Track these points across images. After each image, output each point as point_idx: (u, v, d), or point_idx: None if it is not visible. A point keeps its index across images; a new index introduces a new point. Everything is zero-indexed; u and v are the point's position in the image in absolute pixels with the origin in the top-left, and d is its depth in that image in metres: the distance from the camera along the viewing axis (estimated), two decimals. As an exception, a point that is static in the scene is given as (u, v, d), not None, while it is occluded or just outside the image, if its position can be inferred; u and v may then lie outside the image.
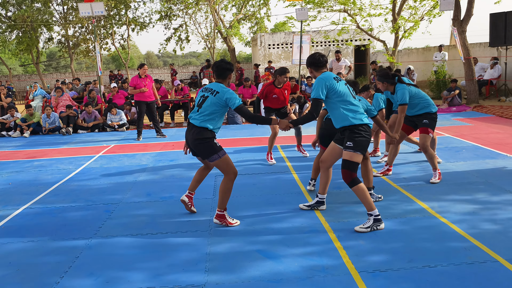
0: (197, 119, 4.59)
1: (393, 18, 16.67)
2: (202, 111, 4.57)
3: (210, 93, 4.57)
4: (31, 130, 12.01)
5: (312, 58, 4.60)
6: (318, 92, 4.40)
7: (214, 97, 4.53)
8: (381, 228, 4.40)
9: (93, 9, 13.65)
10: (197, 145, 4.58)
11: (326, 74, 4.49)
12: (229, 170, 4.61)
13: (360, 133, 4.41)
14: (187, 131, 4.71)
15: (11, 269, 3.89)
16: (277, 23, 43.19)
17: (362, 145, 4.41)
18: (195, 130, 4.57)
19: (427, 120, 5.91)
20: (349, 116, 4.42)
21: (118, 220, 5.01)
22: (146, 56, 73.38)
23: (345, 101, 4.44)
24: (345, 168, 4.43)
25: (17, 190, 6.45)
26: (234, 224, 4.72)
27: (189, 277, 3.61)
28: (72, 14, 26.06)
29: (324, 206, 5.06)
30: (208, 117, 4.55)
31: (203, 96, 4.64)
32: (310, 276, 3.54)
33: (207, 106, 4.55)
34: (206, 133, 4.56)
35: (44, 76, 29.31)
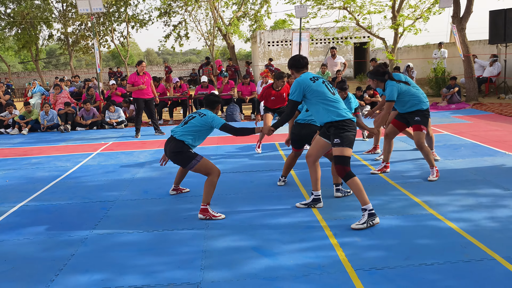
0: (178, 132, 4.97)
1: (392, 15, 16.64)
2: (186, 126, 4.98)
3: (198, 115, 5.02)
4: (29, 127, 11.99)
5: (293, 60, 4.78)
6: (295, 94, 4.58)
7: (201, 118, 4.96)
8: (376, 222, 4.40)
9: (92, 6, 13.61)
10: (174, 157, 4.95)
11: (303, 76, 4.64)
12: (211, 171, 4.89)
13: (344, 128, 4.49)
14: (166, 143, 5.07)
15: (6, 267, 3.87)
16: (276, 20, 43.19)
17: (349, 139, 4.50)
18: (173, 143, 4.94)
19: (418, 117, 5.92)
20: (331, 113, 4.53)
21: (115, 217, 4.99)
22: (146, 53, 73.33)
23: (324, 99, 4.55)
24: (338, 163, 4.50)
25: (13, 188, 6.43)
26: (218, 217, 4.83)
27: (185, 275, 3.60)
28: (71, 11, 26.00)
29: (321, 204, 5.04)
30: (190, 132, 4.93)
31: (191, 116, 5.09)
32: (306, 274, 3.53)
33: (192, 124, 4.98)
34: (182, 146, 4.91)
35: (43, 73, 29.29)
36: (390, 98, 5.72)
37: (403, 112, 6.06)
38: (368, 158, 7.20)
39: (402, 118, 6.12)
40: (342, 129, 4.49)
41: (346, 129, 4.50)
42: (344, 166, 4.46)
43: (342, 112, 4.55)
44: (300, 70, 4.75)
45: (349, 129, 4.51)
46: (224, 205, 5.20)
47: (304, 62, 4.75)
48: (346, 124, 4.51)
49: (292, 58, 4.81)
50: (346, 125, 4.51)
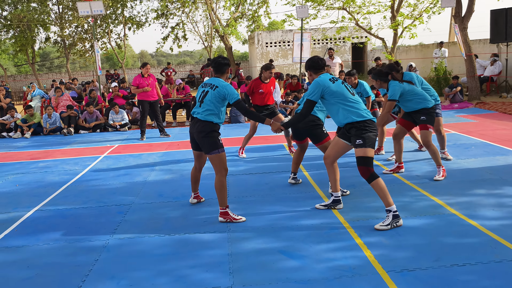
0: (200, 113, 4.75)
1: (392, 15, 16.67)
2: (204, 106, 4.75)
3: (210, 88, 4.77)
4: (31, 130, 11.88)
5: (311, 61, 4.74)
6: (313, 95, 4.53)
7: (214, 91, 4.72)
8: (400, 224, 4.38)
9: (92, 8, 13.53)
10: (202, 138, 4.73)
11: (322, 77, 4.60)
12: (221, 167, 4.76)
13: (366, 128, 4.46)
14: (191, 126, 4.86)
15: (31, 273, 3.81)
16: (271, 21, 43.14)
17: (371, 139, 4.45)
18: (200, 124, 4.73)
19: (424, 116, 5.95)
20: (351, 113, 4.50)
21: (133, 221, 4.93)
22: (140, 55, 73.09)
23: (344, 100, 4.51)
24: (362, 164, 4.45)
25: (25, 192, 6.36)
26: (239, 219, 4.76)
27: (215, 279, 3.55)
28: (68, 14, 25.84)
29: (341, 205, 5.01)
30: (211, 111, 4.72)
31: (203, 91, 4.83)
32: (338, 277, 3.49)
33: (208, 101, 4.74)
34: (211, 126, 4.73)
35: (39, 76, 29.07)
36: (391, 97, 5.80)
37: (409, 111, 6.06)
38: (380, 159, 7.18)
39: (409, 117, 6.11)
40: (363, 129, 4.46)
41: (368, 130, 4.46)
42: (367, 167, 4.42)
43: (363, 112, 4.53)
44: (318, 71, 4.73)
45: (370, 129, 4.48)
46: (242, 208, 5.16)
47: (323, 63, 4.74)
48: (367, 124, 4.49)
49: (311, 59, 4.77)
50: (368, 125, 4.48)
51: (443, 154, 6.87)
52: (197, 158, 5.14)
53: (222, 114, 4.83)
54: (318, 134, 5.53)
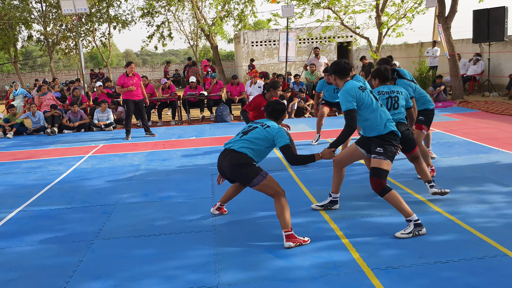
0: (237, 144, 4.26)
1: (377, 15, 16.79)
2: (246, 138, 4.27)
3: (260, 125, 4.34)
4: (14, 130, 11.70)
5: (337, 66, 4.34)
6: (348, 103, 4.16)
7: (264, 130, 4.27)
8: (423, 233, 4.14)
9: (76, 6, 13.39)
10: (235, 171, 4.18)
11: (351, 84, 4.27)
12: (276, 190, 4.17)
13: (390, 141, 4.23)
14: (221, 157, 4.34)
15: (13, 275, 3.76)
16: (256, 21, 43.11)
17: (392, 152, 4.23)
18: (233, 155, 4.20)
19: (423, 117, 5.96)
20: (378, 124, 4.25)
21: (118, 222, 4.90)
22: (125, 54, 72.48)
23: (373, 109, 4.25)
24: (375, 176, 4.17)
25: (7, 193, 6.26)
26: (307, 241, 4.14)
27: (201, 278, 3.55)
28: (52, 12, 25.52)
29: (337, 205, 4.98)
30: (250, 145, 4.22)
31: (251, 126, 4.41)
32: (323, 275, 3.51)
33: (253, 135, 4.27)
34: (245, 158, 4.18)
35: (21, 75, 28.66)
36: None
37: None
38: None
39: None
40: (387, 141, 4.23)
41: (391, 142, 4.24)
42: (381, 180, 4.15)
43: (390, 124, 4.30)
44: (344, 77, 4.34)
45: (394, 142, 4.26)
46: (229, 208, 5.14)
47: (349, 67, 4.36)
48: (392, 137, 4.26)
49: (337, 63, 4.36)
50: (392, 137, 4.26)
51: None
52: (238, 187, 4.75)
53: (260, 156, 4.32)
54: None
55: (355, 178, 6.10)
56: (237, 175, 4.20)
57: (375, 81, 5.54)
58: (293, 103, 12.60)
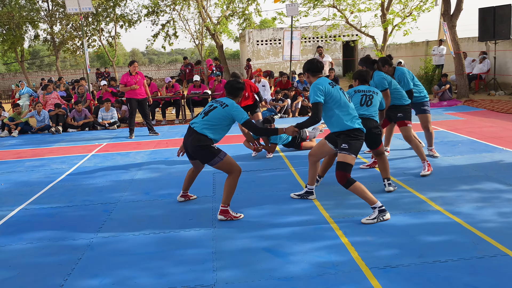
0: (199, 124, 4.68)
1: (382, 13, 16.72)
2: (207, 119, 4.68)
3: (220, 105, 4.69)
4: (19, 129, 11.77)
5: (310, 64, 4.67)
6: (316, 97, 4.45)
7: (223, 109, 4.65)
8: (387, 218, 4.45)
9: (81, 6, 13.44)
10: (196, 151, 4.67)
11: (322, 79, 4.57)
12: (233, 169, 4.69)
13: (355, 137, 4.51)
14: (186, 136, 4.80)
15: (12, 272, 3.78)
16: (262, 19, 43.09)
17: (356, 147, 4.51)
18: (195, 136, 4.65)
19: (401, 113, 6.11)
20: (345, 120, 4.50)
21: (119, 220, 4.90)
22: (132, 53, 72.72)
23: (341, 106, 4.51)
24: (340, 169, 4.47)
25: (10, 191, 6.30)
26: (239, 217, 4.76)
27: (198, 276, 3.54)
28: (58, 11, 25.64)
29: (313, 196, 5.25)
30: (210, 126, 4.65)
31: (211, 105, 4.76)
32: (321, 274, 3.50)
33: (213, 116, 4.66)
34: (206, 140, 4.64)
35: (28, 75, 28.84)
36: (383, 88, 5.87)
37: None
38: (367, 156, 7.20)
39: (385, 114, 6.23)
40: (352, 137, 4.50)
41: (357, 137, 4.52)
42: (345, 173, 4.45)
43: (356, 121, 4.57)
44: (316, 74, 4.64)
45: (359, 137, 4.54)
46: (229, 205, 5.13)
47: (321, 66, 4.68)
48: (358, 133, 4.53)
49: (309, 62, 4.70)
50: (358, 134, 4.53)
51: (430, 152, 6.90)
52: (194, 165, 5.15)
53: (221, 134, 4.73)
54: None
55: (355, 176, 6.03)
56: (198, 154, 4.69)
57: (355, 82, 5.70)
58: (297, 102, 12.57)
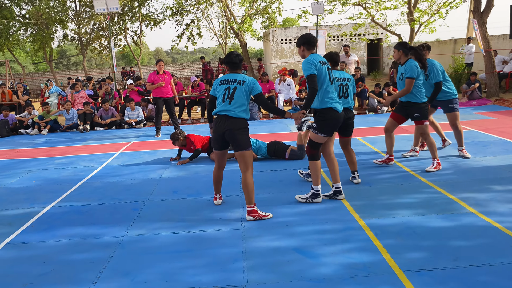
0: (233, 110, 4.64)
1: (409, 11, 16.46)
2: (236, 102, 4.66)
3: (237, 84, 4.70)
4: (48, 127, 12.01)
5: (306, 38, 4.84)
6: (310, 70, 4.69)
7: (243, 86, 4.69)
8: (317, 201, 5.04)
9: (108, 6, 13.62)
10: (236, 135, 4.61)
11: (314, 55, 4.81)
12: (250, 163, 4.76)
13: (323, 116, 4.84)
14: (219, 124, 4.68)
15: (46, 269, 3.84)
16: (285, 18, 43.00)
17: (323, 127, 4.85)
18: (233, 121, 4.63)
19: (418, 113, 6.11)
20: (325, 98, 4.82)
21: (148, 218, 4.94)
22: (156, 53, 73.47)
23: (323, 83, 4.77)
24: (309, 145, 5.00)
25: (41, 188, 6.42)
26: (268, 216, 4.75)
27: (229, 277, 3.53)
28: (85, 11, 26.07)
29: (342, 195, 5.19)
30: (242, 107, 4.68)
31: (229, 88, 4.71)
32: (353, 276, 3.44)
33: (239, 96, 4.67)
34: (244, 123, 4.71)
35: (56, 74, 29.41)
36: (410, 76, 5.89)
37: (403, 102, 6.23)
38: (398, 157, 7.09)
39: (402, 111, 6.26)
40: (321, 116, 4.86)
41: (325, 117, 4.84)
42: (311, 149, 4.96)
43: (330, 101, 4.83)
44: (311, 48, 4.86)
45: (328, 117, 4.84)
46: (256, 205, 5.12)
47: (315, 41, 4.89)
48: (327, 112, 4.84)
49: (305, 35, 4.87)
50: (327, 113, 4.84)
51: (461, 152, 6.76)
52: (220, 158, 4.98)
53: (248, 111, 4.81)
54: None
55: (385, 176, 5.98)
56: (237, 138, 4.62)
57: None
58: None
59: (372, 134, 9.16)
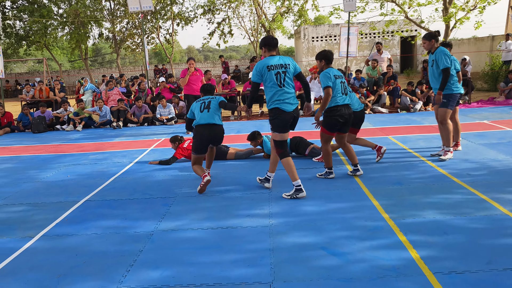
0: (215, 118, 5.74)
1: (444, 7, 16.05)
2: (213, 112, 5.78)
3: (211, 99, 5.83)
4: (83, 123, 12.32)
5: (266, 39, 5.22)
6: (254, 76, 5.18)
7: (215, 99, 5.80)
8: (301, 196, 5.20)
9: (142, 4, 13.85)
10: (221, 138, 5.89)
11: (265, 60, 5.15)
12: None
13: (272, 115, 5.21)
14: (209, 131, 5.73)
15: (78, 261, 3.95)
16: (316, 16, 42.66)
17: (274, 125, 5.21)
18: (218, 127, 5.78)
19: (445, 99, 6.40)
20: (270, 99, 5.20)
21: (178, 213, 5.01)
22: (187, 50, 74.24)
23: (271, 87, 5.14)
24: (274, 145, 5.35)
25: (76, 183, 6.59)
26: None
27: (255, 273, 3.55)
28: (120, 10, 26.60)
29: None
30: (219, 115, 5.80)
31: (205, 100, 5.81)
32: (381, 276, 3.40)
33: (215, 107, 5.78)
34: (223, 127, 5.90)
35: (91, 71, 30.13)
36: (445, 66, 6.16)
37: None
38: (432, 158, 6.94)
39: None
40: (271, 116, 5.25)
41: (274, 116, 5.19)
42: (277, 149, 5.30)
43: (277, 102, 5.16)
44: (272, 49, 5.21)
45: (276, 116, 5.17)
46: (285, 202, 5.13)
47: (274, 42, 5.21)
48: (275, 112, 5.17)
49: (266, 37, 5.27)
50: (274, 113, 5.18)
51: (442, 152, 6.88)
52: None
53: None
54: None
55: (416, 176, 5.87)
56: (221, 140, 5.87)
57: (321, 63, 5.87)
58: (354, 99, 12.33)
59: (403, 133, 9.00)
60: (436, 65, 6.31)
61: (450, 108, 6.47)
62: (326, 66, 5.72)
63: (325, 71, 5.65)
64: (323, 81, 5.56)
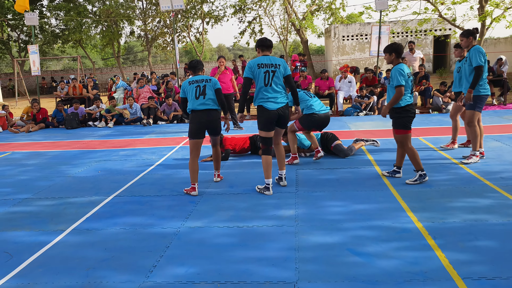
0: (210, 103, 5.56)
1: (480, 5, 15.62)
2: (209, 97, 5.57)
3: (205, 82, 5.60)
4: (114, 120, 12.57)
5: (261, 41, 5.37)
6: (247, 73, 5.32)
7: (210, 84, 5.59)
8: (268, 194, 5.47)
9: (173, 3, 14.02)
10: (219, 123, 5.70)
11: (257, 59, 5.29)
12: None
13: (257, 113, 5.37)
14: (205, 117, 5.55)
15: (107, 255, 4.03)
16: (348, 14, 42.24)
17: (258, 123, 5.39)
18: (214, 112, 5.60)
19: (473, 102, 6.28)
20: (256, 97, 5.35)
21: (204, 211, 5.05)
22: (218, 49, 74.77)
23: (258, 85, 5.28)
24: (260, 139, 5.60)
25: (106, 178, 6.74)
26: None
27: (280, 273, 3.55)
28: (151, 9, 27.01)
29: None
30: (215, 100, 5.62)
31: (199, 85, 5.57)
32: (408, 280, 3.34)
33: (210, 91, 5.58)
34: (219, 112, 5.74)
35: (123, 69, 30.70)
36: (478, 63, 6.06)
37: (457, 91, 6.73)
38: (457, 157, 6.79)
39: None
40: (257, 113, 5.38)
41: (259, 114, 5.35)
42: (262, 145, 5.48)
43: (261, 100, 5.30)
44: (266, 49, 5.37)
45: (261, 114, 5.33)
46: (311, 203, 5.10)
47: (268, 43, 5.36)
48: (260, 109, 5.33)
49: (262, 38, 5.40)
50: (259, 110, 5.34)
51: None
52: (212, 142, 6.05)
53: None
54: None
55: (446, 178, 5.74)
56: (218, 126, 5.71)
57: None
58: (384, 99, 12.16)
59: (434, 134, 8.82)
60: (469, 62, 6.17)
61: (478, 110, 6.30)
62: (397, 61, 5.52)
63: (399, 67, 5.44)
64: (397, 78, 5.37)
